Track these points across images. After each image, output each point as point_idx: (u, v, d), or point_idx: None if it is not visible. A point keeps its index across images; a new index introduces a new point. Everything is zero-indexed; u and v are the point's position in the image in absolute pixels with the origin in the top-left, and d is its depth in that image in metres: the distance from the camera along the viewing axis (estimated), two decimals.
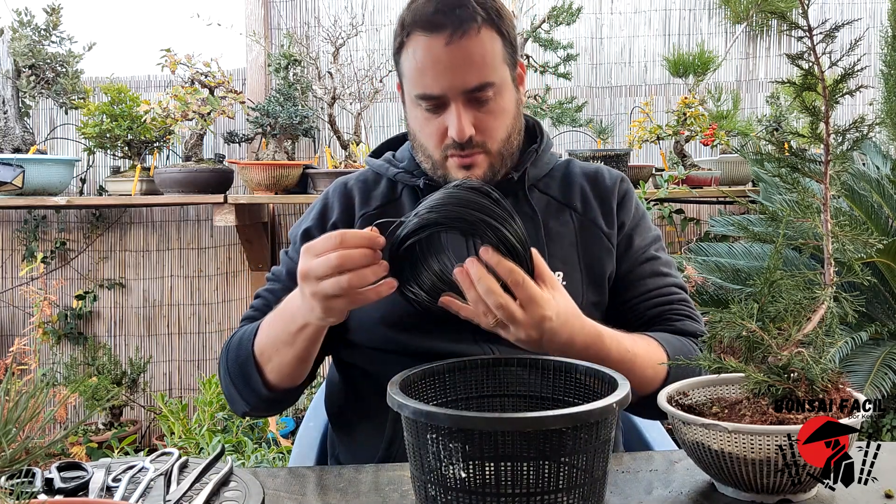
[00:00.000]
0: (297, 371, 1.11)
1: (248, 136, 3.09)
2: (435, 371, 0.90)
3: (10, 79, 2.99)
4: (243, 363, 1.13)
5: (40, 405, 0.65)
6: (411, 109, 1.16)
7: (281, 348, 1.08)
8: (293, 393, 1.17)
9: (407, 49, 1.12)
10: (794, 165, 0.91)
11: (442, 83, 1.09)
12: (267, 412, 1.23)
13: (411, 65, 1.11)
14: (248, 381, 1.13)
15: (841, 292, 0.89)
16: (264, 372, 1.11)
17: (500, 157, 1.16)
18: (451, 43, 1.07)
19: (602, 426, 0.75)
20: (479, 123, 1.12)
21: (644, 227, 1.26)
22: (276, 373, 1.11)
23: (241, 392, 1.15)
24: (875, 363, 2.35)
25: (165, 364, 3.55)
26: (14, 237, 3.47)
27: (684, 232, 3.35)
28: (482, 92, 1.10)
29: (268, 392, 1.12)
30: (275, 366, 1.10)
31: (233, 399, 1.19)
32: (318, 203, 1.28)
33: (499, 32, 1.11)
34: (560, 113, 3.01)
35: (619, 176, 1.28)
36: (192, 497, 0.86)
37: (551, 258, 1.16)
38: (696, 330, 1.18)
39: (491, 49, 1.10)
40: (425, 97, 1.11)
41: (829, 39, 0.86)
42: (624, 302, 1.21)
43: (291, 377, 1.12)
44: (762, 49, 3.58)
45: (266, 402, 1.16)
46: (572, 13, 2.99)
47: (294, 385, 1.14)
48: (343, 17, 3.29)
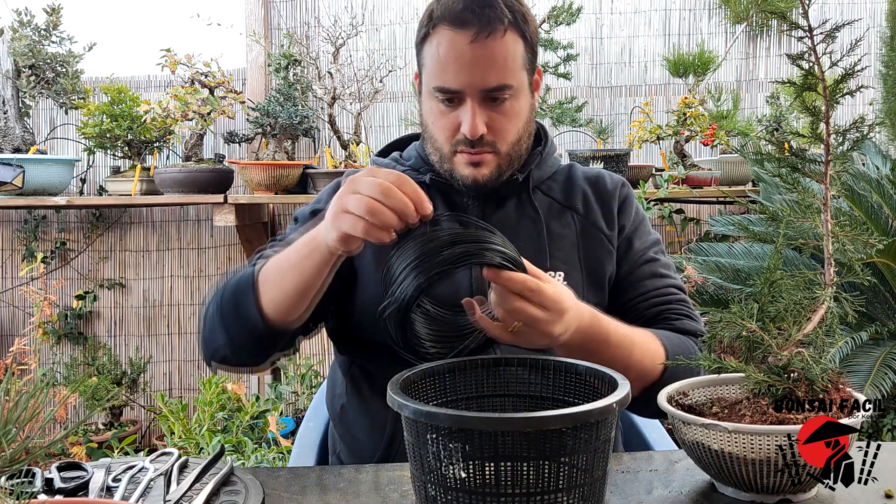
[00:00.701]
0: (294, 303, 1.06)
1: (248, 136, 3.09)
2: (435, 371, 0.90)
3: (10, 79, 2.99)
4: (241, 290, 1.08)
5: (40, 405, 0.65)
6: (426, 100, 1.17)
7: (287, 271, 1.04)
8: (277, 338, 1.10)
9: (431, 40, 1.13)
10: (794, 165, 0.91)
11: (462, 79, 1.10)
12: (243, 355, 1.15)
13: (433, 57, 1.12)
14: (241, 309, 1.08)
15: (841, 292, 0.89)
16: (261, 299, 1.07)
17: (507, 158, 1.16)
18: (477, 41, 1.08)
19: (602, 426, 0.75)
20: (492, 123, 1.12)
21: (644, 230, 1.27)
22: (274, 300, 1.06)
23: (227, 324, 1.10)
24: (875, 363, 2.35)
25: (165, 364, 3.55)
26: (14, 237, 3.47)
27: (684, 232, 3.35)
28: (499, 93, 1.11)
29: (258, 322, 1.06)
30: (275, 292, 1.06)
31: (212, 335, 1.13)
32: (329, 188, 1.28)
33: (522, 37, 1.12)
34: (560, 113, 3.01)
35: (620, 180, 1.29)
36: (192, 497, 0.86)
37: (553, 259, 1.16)
38: (695, 329, 1.19)
39: (513, 52, 1.11)
40: (443, 90, 1.12)
41: (830, 40, 0.86)
42: (623, 303, 1.21)
43: (287, 310, 1.06)
44: (762, 49, 3.58)
45: (250, 340, 1.09)
46: (572, 13, 2.99)
47: (284, 324, 1.08)
48: (343, 17, 3.29)
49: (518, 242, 1.16)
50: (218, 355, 1.14)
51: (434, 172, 1.21)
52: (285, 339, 1.12)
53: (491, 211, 1.21)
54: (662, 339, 1.11)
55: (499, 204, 1.22)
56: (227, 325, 1.10)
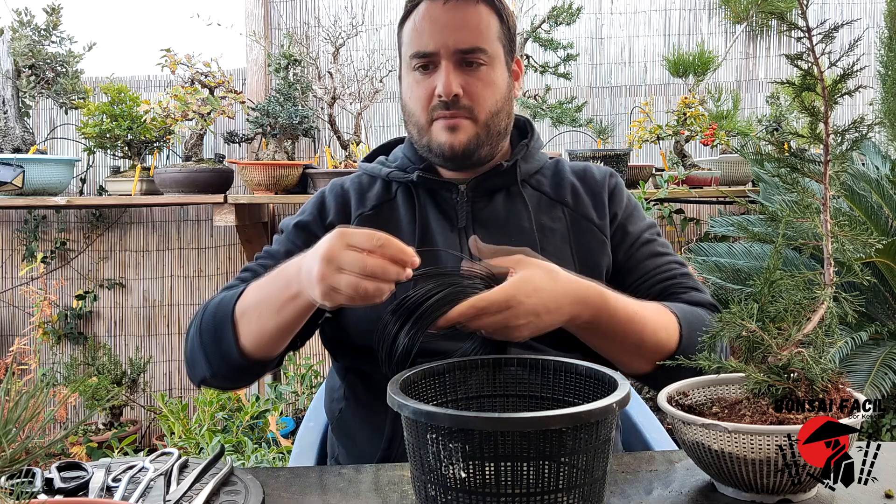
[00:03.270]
0: (274, 342, 1.06)
1: (248, 136, 3.09)
2: (435, 371, 0.90)
3: (10, 79, 2.99)
4: (220, 322, 1.08)
5: (40, 405, 0.65)
6: (405, 77, 1.21)
7: (265, 313, 1.04)
8: (260, 367, 1.11)
9: (409, 19, 1.18)
10: (793, 165, 0.91)
11: (436, 40, 1.14)
12: (227, 382, 1.16)
13: (410, 29, 1.18)
14: (220, 343, 1.08)
15: (841, 292, 0.89)
16: (240, 336, 1.06)
17: (486, 129, 1.17)
18: (449, 2, 1.14)
19: (602, 426, 0.75)
20: (468, 87, 1.15)
21: (637, 215, 1.28)
22: (253, 338, 1.06)
23: (208, 354, 1.10)
24: (875, 363, 2.35)
25: (165, 364, 3.55)
26: (14, 237, 3.47)
27: (684, 232, 3.35)
28: (473, 55, 1.15)
29: (237, 357, 1.07)
30: (253, 330, 1.05)
31: (194, 362, 1.13)
32: (314, 200, 1.29)
33: (497, 14, 1.18)
34: (560, 113, 3.01)
35: (608, 171, 1.30)
36: (192, 497, 0.86)
37: (544, 252, 1.16)
38: (704, 300, 1.18)
39: (486, 21, 1.17)
40: (419, 55, 1.16)
41: (828, 40, 0.86)
42: (627, 287, 1.20)
43: (266, 347, 1.07)
44: (762, 49, 3.58)
45: (231, 370, 1.10)
46: (572, 13, 2.99)
47: (266, 357, 1.09)
48: (343, 17, 3.29)
49: (508, 238, 1.17)
50: (200, 379, 1.15)
51: (420, 170, 1.21)
52: (269, 365, 1.13)
53: (480, 207, 1.21)
54: (675, 310, 1.11)
55: (488, 199, 1.22)
56: (208, 353, 1.10)
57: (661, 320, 1.09)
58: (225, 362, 1.09)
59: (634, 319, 1.05)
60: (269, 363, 1.12)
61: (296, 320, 1.03)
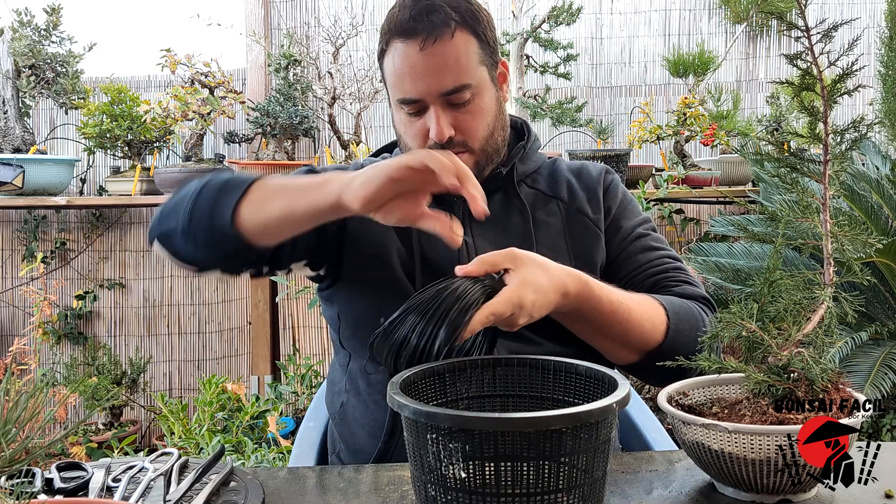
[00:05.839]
0: (272, 228, 1.01)
1: (248, 136, 3.09)
2: (435, 371, 0.90)
3: (10, 79, 2.99)
4: (232, 185, 1.02)
5: (40, 405, 0.65)
6: (395, 112, 1.19)
7: (289, 191, 0.99)
8: (235, 251, 1.03)
9: (387, 55, 1.15)
10: (793, 165, 0.91)
11: (419, 87, 1.12)
12: (186, 247, 1.07)
13: (391, 70, 1.15)
14: (218, 204, 1.01)
15: (841, 292, 0.89)
16: (243, 202, 1.00)
17: (484, 154, 1.18)
18: (425, 48, 1.10)
19: (602, 426, 0.75)
20: (459, 124, 1.14)
21: (632, 211, 1.28)
22: (253, 212, 1.00)
23: (196, 208, 1.02)
24: (875, 363, 2.35)
25: (165, 364, 3.55)
26: (14, 237, 3.47)
27: (684, 232, 3.35)
28: (459, 94, 1.13)
29: (226, 225, 1.00)
30: (258, 206, 1.00)
31: (172, 211, 1.05)
32: None
33: (474, 34, 1.14)
34: (560, 113, 3.01)
35: (603, 168, 1.31)
36: (192, 497, 0.86)
37: (539, 246, 1.18)
38: (696, 293, 1.19)
39: (465, 52, 1.13)
40: (405, 101, 1.14)
41: (827, 39, 0.86)
42: (619, 281, 1.21)
43: (260, 230, 1.00)
44: (762, 49, 3.59)
45: (206, 235, 1.02)
46: (572, 13, 2.99)
47: (250, 240, 1.01)
48: (343, 17, 3.29)
49: (506, 235, 1.19)
50: (164, 231, 1.07)
51: None
52: (237, 258, 1.07)
53: None
54: (663, 302, 1.12)
55: (485, 199, 1.22)
56: (196, 207, 1.02)
57: (647, 311, 1.09)
58: (208, 223, 1.02)
59: (619, 309, 1.06)
60: (246, 253, 1.05)
61: (308, 218, 0.99)
